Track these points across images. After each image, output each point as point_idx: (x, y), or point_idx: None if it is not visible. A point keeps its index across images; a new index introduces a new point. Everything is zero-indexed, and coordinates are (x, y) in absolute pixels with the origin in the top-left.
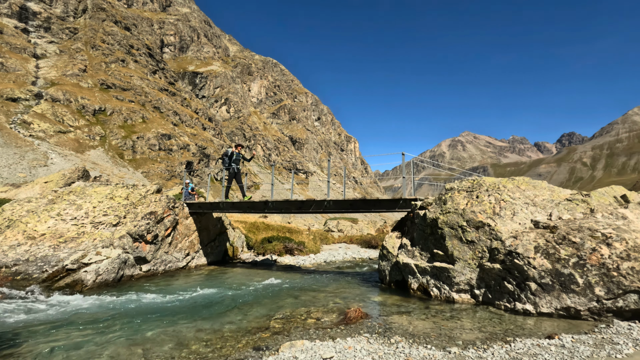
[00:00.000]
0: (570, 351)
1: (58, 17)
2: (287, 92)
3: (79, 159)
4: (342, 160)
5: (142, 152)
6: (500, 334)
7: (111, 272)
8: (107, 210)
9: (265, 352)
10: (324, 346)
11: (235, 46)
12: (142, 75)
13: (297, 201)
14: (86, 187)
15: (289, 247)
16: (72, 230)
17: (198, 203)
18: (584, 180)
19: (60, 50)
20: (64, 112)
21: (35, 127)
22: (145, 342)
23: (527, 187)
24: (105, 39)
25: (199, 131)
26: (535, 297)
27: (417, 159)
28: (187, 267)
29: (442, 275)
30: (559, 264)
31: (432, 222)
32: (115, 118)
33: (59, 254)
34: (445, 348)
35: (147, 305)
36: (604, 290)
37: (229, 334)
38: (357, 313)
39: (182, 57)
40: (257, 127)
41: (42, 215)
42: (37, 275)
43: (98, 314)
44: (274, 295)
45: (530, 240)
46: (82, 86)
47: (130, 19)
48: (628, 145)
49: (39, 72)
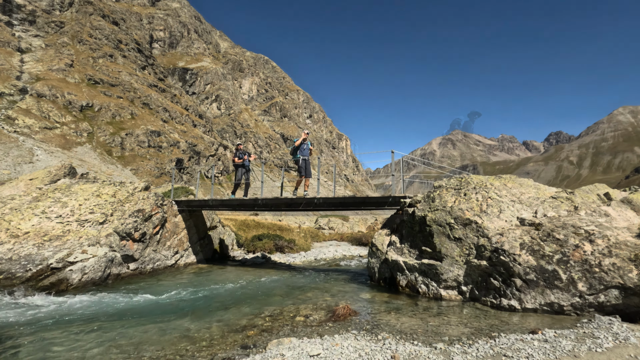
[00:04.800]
0: (553, 345)
1: (43, 11)
2: (279, 90)
3: (66, 155)
4: (333, 158)
5: (131, 149)
6: (485, 329)
7: (97, 270)
8: (93, 208)
9: (253, 350)
10: (312, 343)
11: (226, 42)
12: (130, 70)
13: (287, 199)
14: (72, 185)
15: (280, 244)
16: (58, 228)
17: (187, 200)
18: (571, 178)
19: (46, 45)
20: (50, 107)
21: (20, 123)
22: (130, 342)
23: (513, 185)
24: (92, 33)
25: (189, 128)
26: (520, 293)
27: (408, 157)
28: (176, 266)
29: (430, 272)
30: (543, 261)
31: (420, 219)
32: (103, 114)
33: (43, 252)
34: (431, 344)
35: (134, 304)
36: (587, 285)
37: (217, 333)
38: (346, 310)
39: (172, 52)
40: (249, 124)
41: (26, 213)
42: (21, 275)
43: (83, 313)
44: (263, 293)
45: (516, 237)
46: (69, 81)
47: (118, 13)
48: (613, 145)
49: (24, 67)
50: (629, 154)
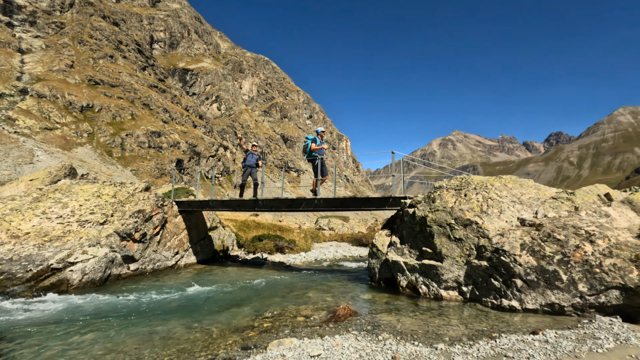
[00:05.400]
0: (554, 346)
1: (44, 11)
2: (279, 90)
3: (66, 156)
4: (334, 159)
5: (131, 149)
6: (486, 330)
7: (98, 271)
8: (94, 209)
9: (253, 351)
10: (312, 344)
11: (226, 43)
12: (131, 71)
13: (288, 199)
14: (72, 185)
15: (280, 245)
16: (58, 228)
17: (187, 201)
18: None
19: (47, 45)
20: (51, 108)
21: (21, 124)
22: (130, 342)
23: (514, 185)
24: (93, 34)
25: (189, 129)
26: (521, 293)
27: (408, 158)
28: (176, 266)
29: (431, 272)
30: (544, 261)
31: (421, 220)
32: (103, 115)
33: (43, 253)
34: (432, 344)
35: (134, 304)
36: (587, 286)
37: (217, 333)
38: (346, 311)
39: (172, 53)
40: (249, 124)
41: (26, 214)
42: (21, 275)
43: (83, 314)
44: (263, 294)
45: (516, 238)
46: (69, 82)
47: (119, 14)
48: (613, 145)
49: (24, 68)
50: (629, 154)
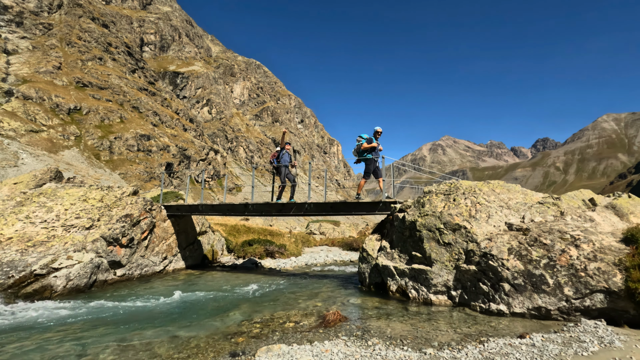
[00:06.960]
0: (540, 350)
1: (31, 12)
2: (270, 94)
3: (52, 159)
4: (325, 163)
5: (120, 153)
6: (474, 334)
7: (83, 277)
8: (79, 213)
9: (242, 357)
10: (301, 350)
11: (217, 47)
12: (120, 74)
13: (278, 203)
14: (58, 189)
15: (270, 250)
16: (42, 233)
17: (176, 205)
18: (557, 183)
19: (33, 47)
20: (37, 110)
21: (5, 126)
22: (114, 349)
23: (501, 190)
24: (81, 35)
25: (179, 132)
26: (508, 297)
27: (399, 163)
28: (165, 271)
29: (420, 277)
30: (531, 265)
31: (410, 224)
32: (91, 117)
33: (26, 258)
34: (421, 349)
35: (119, 310)
36: (573, 290)
37: (205, 340)
38: (336, 316)
39: (162, 56)
40: (240, 128)
41: (9, 218)
42: (3, 281)
43: (65, 321)
44: (253, 299)
45: (504, 242)
46: (57, 84)
47: (108, 16)
48: (598, 151)
49: (10, 69)
50: (613, 160)
